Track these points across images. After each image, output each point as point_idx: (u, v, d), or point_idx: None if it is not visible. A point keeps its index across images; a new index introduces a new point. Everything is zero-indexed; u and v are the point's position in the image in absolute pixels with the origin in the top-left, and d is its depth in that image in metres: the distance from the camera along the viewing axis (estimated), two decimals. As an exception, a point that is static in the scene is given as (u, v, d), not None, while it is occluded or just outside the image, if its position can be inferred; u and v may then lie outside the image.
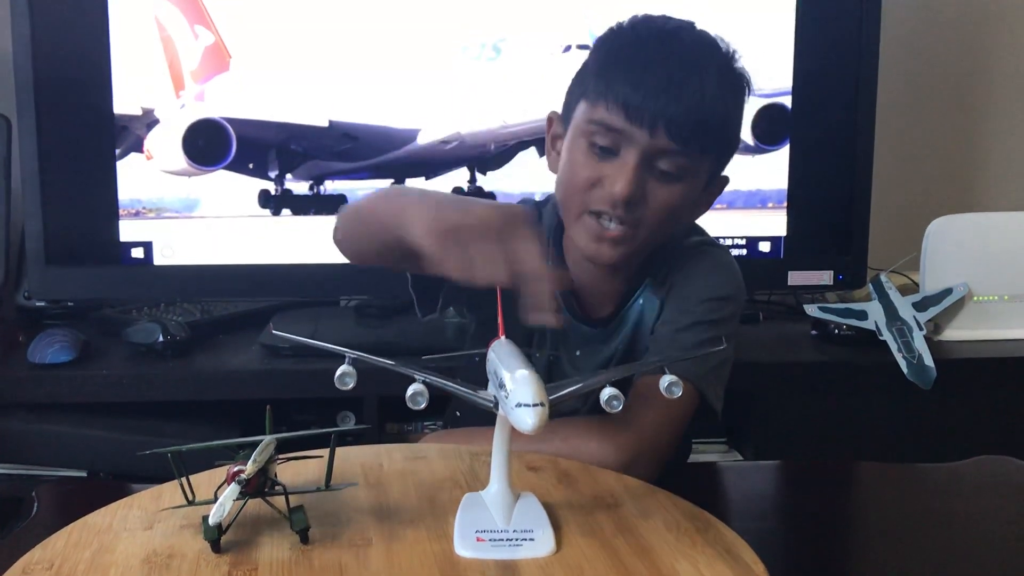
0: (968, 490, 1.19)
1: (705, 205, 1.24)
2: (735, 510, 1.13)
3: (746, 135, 1.88)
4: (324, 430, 0.91)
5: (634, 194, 1.12)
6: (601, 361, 1.27)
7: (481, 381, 0.87)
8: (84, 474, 1.72)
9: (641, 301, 1.26)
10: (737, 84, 1.18)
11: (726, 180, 1.24)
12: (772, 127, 1.89)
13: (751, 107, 1.85)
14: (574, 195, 1.16)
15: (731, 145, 1.21)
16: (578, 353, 1.27)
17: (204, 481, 0.93)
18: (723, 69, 1.16)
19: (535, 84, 1.82)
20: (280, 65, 1.86)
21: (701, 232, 1.32)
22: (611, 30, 1.19)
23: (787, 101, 1.88)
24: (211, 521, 0.81)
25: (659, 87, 1.10)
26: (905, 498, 1.19)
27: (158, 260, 1.88)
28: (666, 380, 0.85)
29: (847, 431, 1.83)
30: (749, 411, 1.85)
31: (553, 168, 1.23)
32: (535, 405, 0.75)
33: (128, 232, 1.87)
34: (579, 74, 1.20)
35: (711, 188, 1.22)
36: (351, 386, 0.84)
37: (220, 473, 0.90)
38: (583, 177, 1.15)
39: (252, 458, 0.84)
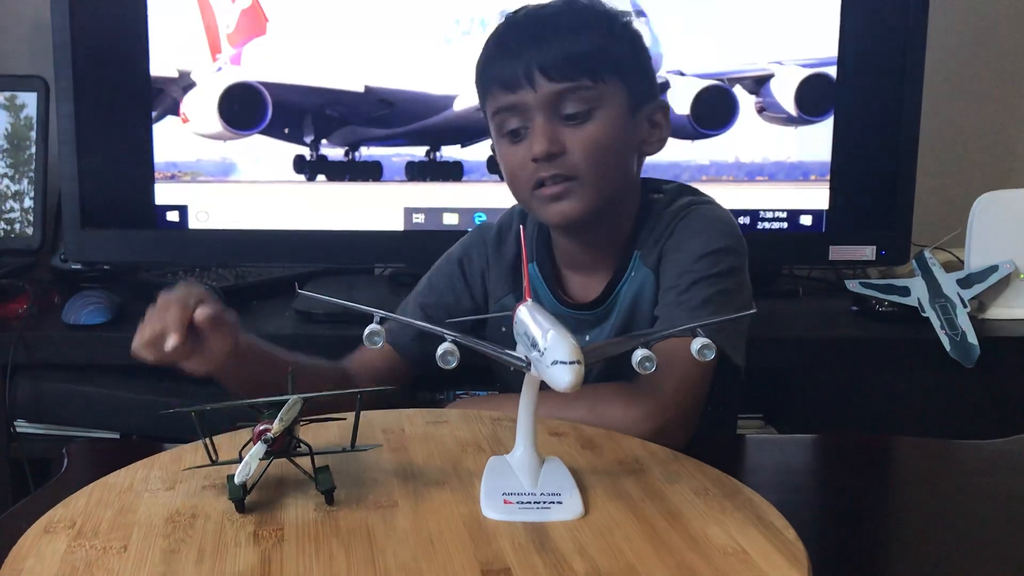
0: (1008, 468, 1.16)
1: (650, 135, 1.24)
2: (766, 482, 1.10)
3: (789, 105, 1.85)
4: (350, 391, 0.90)
5: (551, 147, 1.15)
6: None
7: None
8: (116, 436, 1.72)
9: (633, 274, 1.25)
10: (598, 10, 1.21)
11: (663, 105, 1.25)
12: (816, 97, 1.85)
13: (795, 76, 1.84)
14: (517, 184, 1.21)
15: (629, 66, 1.21)
16: (588, 338, 1.26)
17: (225, 442, 0.92)
18: (575, 6, 1.20)
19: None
20: (317, 29, 1.84)
21: (692, 192, 1.30)
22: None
23: (832, 71, 1.84)
24: (236, 480, 0.80)
25: (519, 47, 1.17)
26: (943, 474, 1.16)
27: (193, 224, 1.87)
28: (698, 343, 0.83)
29: (887, 409, 1.80)
30: (787, 387, 1.82)
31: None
32: (572, 363, 0.74)
33: (164, 196, 1.87)
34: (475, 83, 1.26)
35: (640, 116, 1.22)
36: (380, 345, 0.83)
37: (241, 435, 0.90)
38: (514, 164, 1.20)
39: (279, 417, 0.83)
